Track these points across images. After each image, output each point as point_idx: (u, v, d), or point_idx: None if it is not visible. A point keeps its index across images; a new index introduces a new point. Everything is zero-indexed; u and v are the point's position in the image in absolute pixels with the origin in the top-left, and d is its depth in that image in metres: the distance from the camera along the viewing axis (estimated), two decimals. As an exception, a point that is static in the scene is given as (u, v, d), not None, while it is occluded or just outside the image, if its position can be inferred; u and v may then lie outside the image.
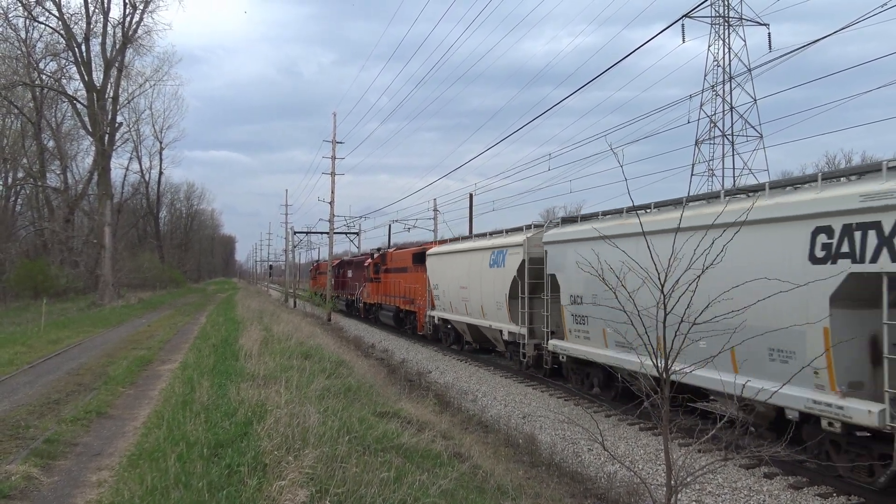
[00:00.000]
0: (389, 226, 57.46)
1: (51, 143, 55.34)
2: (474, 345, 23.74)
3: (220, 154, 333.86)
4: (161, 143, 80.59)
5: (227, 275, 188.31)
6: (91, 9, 45.64)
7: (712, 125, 49.91)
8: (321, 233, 62.35)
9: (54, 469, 8.05)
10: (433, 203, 50.65)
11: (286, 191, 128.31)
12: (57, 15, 44.37)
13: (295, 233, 71.61)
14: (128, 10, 46.28)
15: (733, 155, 49.89)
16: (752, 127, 49.63)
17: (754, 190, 10.64)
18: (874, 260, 7.94)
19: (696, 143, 50.89)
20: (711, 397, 12.62)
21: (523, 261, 17.39)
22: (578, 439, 11.83)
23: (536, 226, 18.26)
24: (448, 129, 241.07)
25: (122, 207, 66.35)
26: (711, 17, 50.01)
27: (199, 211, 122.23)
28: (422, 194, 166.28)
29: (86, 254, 54.21)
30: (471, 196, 42.71)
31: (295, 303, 57.33)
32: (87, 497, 7.04)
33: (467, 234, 31.86)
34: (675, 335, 5.58)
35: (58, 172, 57.03)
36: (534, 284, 17.21)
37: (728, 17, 50.13)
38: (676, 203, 12.14)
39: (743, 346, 8.54)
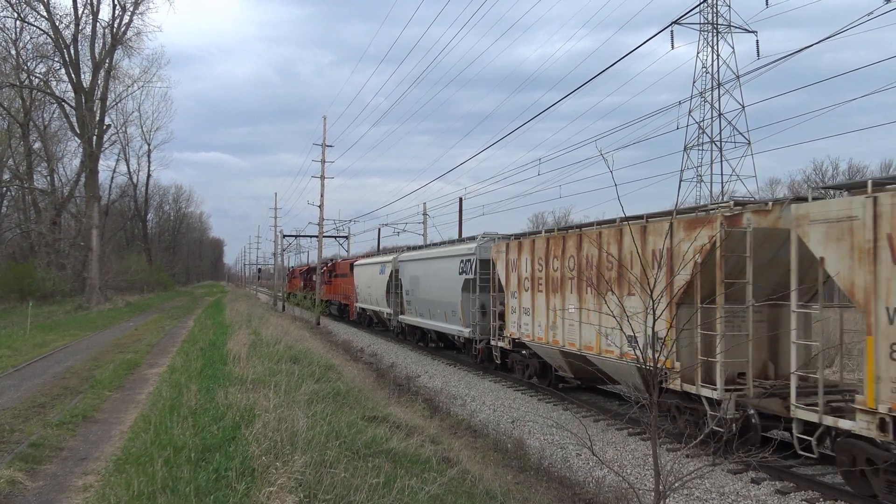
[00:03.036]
0: (379, 229, 57.54)
1: (38, 145, 54.90)
2: (378, 326, 35.59)
3: (211, 156, 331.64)
4: (149, 145, 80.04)
5: (215, 278, 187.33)
6: (80, 10, 45.49)
7: (701, 131, 50.27)
8: (310, 236, 62.28)
9: (39, 473, 7.98)
10: (423, 207, 50.72)
11: (276, 194, 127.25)
12: (46, 16, 44.16)
13: (284, 236, 71.48)
14: (117, 12, 46.17)
15: (721, 161, 50.29)
16: (741, 133, 50.04)
17: (453, 241, 24.77)
18: (471, 273, 20.24)
19: (685, 149, 51.24)
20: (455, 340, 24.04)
21: (392, 271, 29.79)
22: (567, 444, 11.85)
23: (399, 249, 31.57)
24: (440, 133, 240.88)
25: (110, 210, 65.77)
26: (700, 23, 50.39)
27: (188, 214, 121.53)
28: (413, 197, 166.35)
29: (73, 256, 53.72)
30: (460, 200, 42.83)
31: (284, 306, 57.03)
32: (73, 502, 6.98)
33: (456, 237, 33.64)
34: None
35: (45, 174, 56.59)
36: (397, 284, 29.34)
37: (717, 24, 50.51)
38: (437, 244, 26.34)
39: (447, 309, 22.54)
